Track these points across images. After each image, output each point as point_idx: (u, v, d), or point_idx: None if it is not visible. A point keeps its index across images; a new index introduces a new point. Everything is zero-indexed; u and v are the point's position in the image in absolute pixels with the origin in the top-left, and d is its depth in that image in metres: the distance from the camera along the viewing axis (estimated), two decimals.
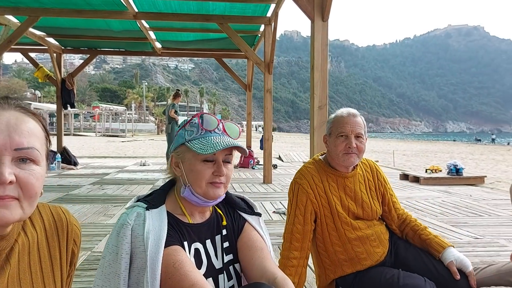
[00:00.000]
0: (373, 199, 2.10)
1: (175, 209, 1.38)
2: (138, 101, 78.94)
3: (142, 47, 10.98)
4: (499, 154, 26.39)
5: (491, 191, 7.43)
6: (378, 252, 2.03)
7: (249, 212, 1.56)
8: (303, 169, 2.09)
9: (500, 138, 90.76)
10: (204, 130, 1.37)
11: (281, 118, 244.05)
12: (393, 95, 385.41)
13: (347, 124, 1.99)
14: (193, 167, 1.34)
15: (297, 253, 1.97)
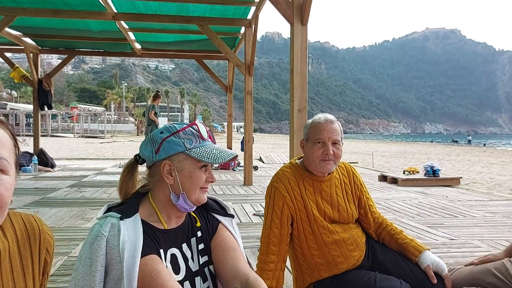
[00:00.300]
0: (349, 202, 2.12)
1: (150, 216, 1.37)
2: (118, 101, 77.91)
3: (122, 47, 10.86)
4: (474, 155, 27.02)
5: (466, 192, 7.60)
6: (355, 255, 2.05)
7: (222, 214, 1.58)
8: (280, 173, 2.10)
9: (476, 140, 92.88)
10: (202, 139, 1.41)
11: (262, 119, 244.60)
12: (372, 97, 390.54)
13: (324, 131, 2.01)
14: (193, 174, 1.37)
15: (274, 257, 1.97)
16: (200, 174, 1.38)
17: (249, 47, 8.11)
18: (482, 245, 3.95)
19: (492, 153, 32.36)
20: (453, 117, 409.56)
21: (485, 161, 21.66)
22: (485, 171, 15.09)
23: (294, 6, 4.20)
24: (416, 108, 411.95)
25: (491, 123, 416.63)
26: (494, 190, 9.06)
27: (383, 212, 5.52)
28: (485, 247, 3.89)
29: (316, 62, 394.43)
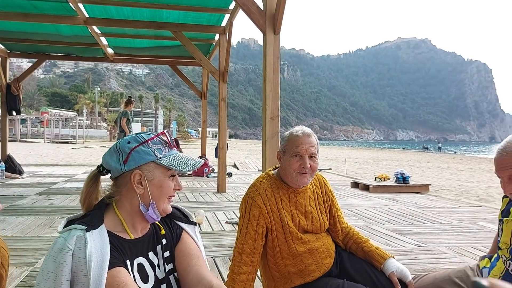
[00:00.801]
0: (322, 213, 2.16)
1: (115, 227, 1.36)
2: (90, 106, 76.56)
3: (94, 52, 10.69)
4: (444, 162, 27.72)
5: (435, 198, 7.79)
6: (326, 263, 2.09)
7: (185, 221, 1.59)
8: (257, 184, 2.11)
9: (446, 146, 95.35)
10: (170, 148, 1.43)
11: (238, 125, 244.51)
12: (346, 104, 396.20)
13: (302, 144, 2.03)
14: (163, 183, 1.39)
15: (247, 268, 1.98)
16: (170, 182, 1.40)
17: (223, 54, 8.12)
18: (448, 252, 4.05)
19: (461, 160, 33.30)
20: (424, 125, 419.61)
21: (454, 168, 22.26)
22: (453, 178, 15.50)
23: (266, 16, 4.24)
24: (389, 116, 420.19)
25: (460, 131, 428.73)
26: (461, 196, 9.31)
27: (354, 219, 5.61)
28: (451, 253, 4.00)
29: (292, 69, 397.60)
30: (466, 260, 3.74)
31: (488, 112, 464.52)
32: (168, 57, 11.32)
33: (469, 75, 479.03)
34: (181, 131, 76.57)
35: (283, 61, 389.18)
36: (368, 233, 4.84)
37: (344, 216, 2.33)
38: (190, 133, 79.07)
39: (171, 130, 52.29)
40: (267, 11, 4.21)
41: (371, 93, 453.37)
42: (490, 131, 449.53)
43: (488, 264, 2.08)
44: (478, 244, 4.32)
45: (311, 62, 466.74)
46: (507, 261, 1.85)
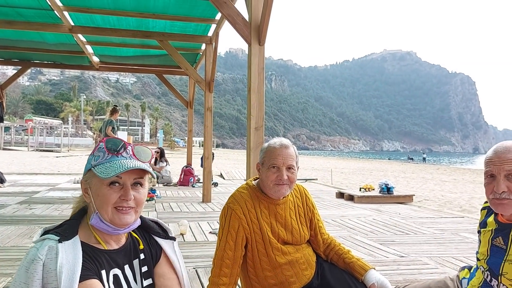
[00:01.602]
0: (302, 224, 2.16)
1: (89, 238, 1.35)
2: (76, 114, 75.87)
3: (79, 60, 10.62)
4: (428, 173, 28.01)
5: (418, 209, 7.85)
6: (307, 274, 2.09)
7: (163, 236, 1.56)
8: (237, 194, 2.11)
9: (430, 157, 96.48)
10: (110, 154, 1.37)
11: (225, 134, 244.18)
12: (333, 114, 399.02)
13: (279, 156, 2.03)
14: (99, 192, 1.33)
15: (226, 279, 1.96)
16: (108, 191, 1.32)
17: (210, 64, 8.14)
18: (430, 262, 4.08)
19: (445, 170, 33.69)
20: (409, 135, 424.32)
21: (438, 178, 22.50)
22: (437, 189, 15.66)
23: (251, 27, 4.27)
24: (375, 126, 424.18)
25: (445, 142, 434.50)
26: (444, 207, 9.41)
27: (338, 229, 5.62)
28: (432, 264, 4.03)
29: (279, 79, 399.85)
30: (447, 270, 3.77)
31: (472, 123, 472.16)
32: (154, 66, 11.30)
33: (453, 87, 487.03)
34: (167, 140, 76.13)
35: (270, 71, 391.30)
36: (351, 243, 4.85)
37: (328, 226, 2.34)
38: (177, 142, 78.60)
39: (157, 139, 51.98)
40: (252, 22, 4.24)
41: (357, 104, 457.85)
42: (474, 142, 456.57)
43: (467, 275, 2.10)
44: (460, 255, 4.36)
45: (299, 72, 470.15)
46: (485, 272, 1.88)
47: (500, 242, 1.81)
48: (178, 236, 4.98)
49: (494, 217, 1.88)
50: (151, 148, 1.49)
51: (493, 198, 1.73)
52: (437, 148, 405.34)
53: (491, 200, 1.75)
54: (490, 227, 1.89)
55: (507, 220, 1.80)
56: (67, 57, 10.30)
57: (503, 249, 1.79)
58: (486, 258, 1.87)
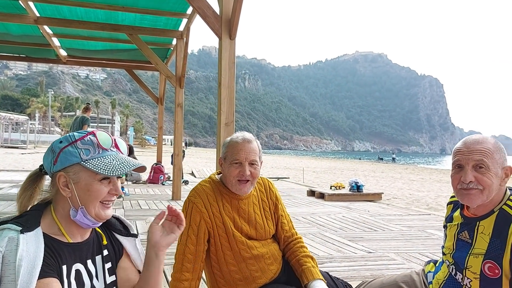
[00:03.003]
0: (267, 219, 2.10)
1: (52, 229, 1.27)
2: (43, 110, 73.72)
3: (45, 53, 10.27)
4: (397, 173, 28.61)
5: (387, 207, 7.96)
6: (272, 269, 2.04)
7: (125, 234, 1.50)
8: (199, 188, 2.04)
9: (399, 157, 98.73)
10: (102, 148, 1.31)
11: (198, 133, 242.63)
12: (306, 115, 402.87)
13: (241, 151, 1.97)
14: (90, 187, 1.27)
15: (188, 275, 1.90)
16: (100, 187, 1.28)
17: (180, 59, 8.02)
18: (397, 258, 4.12)
19: (413, 170, 34.51)
20: (379, 136, 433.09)
21: (406, 178, 23.00)
22: (405, 187, 15.99)
23: (222, 20, 4.20)
24: (346, 127, 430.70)
25: (413, 143, 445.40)
26: (412, 205, 9.59)
27: (308, 226, 5.62)
28: (399, 259, 4.07)
29: (253, 78, 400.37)
30: (413, 266, 3.81)
31: (439, 125, 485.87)
32: (124, 61, 11.05)
33: (422, 90, 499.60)
34: (138, 138, 74.99)
35: (244, 70, 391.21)
36: (321, 239, 4.86)
37: (298, 224, 2.28)
38: (147, 140, 77.59)
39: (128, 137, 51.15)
40: (223, 16, 4.17)
41: (330, 104, 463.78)
42: (441, 143, 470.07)
43: (433, 269, 2.10)
44: (426, 251, 4.43)
45: (272, 72, 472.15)
46: (450, 266, 1.88)
47: (466, 236, 1.81)
48: (146, 233, 4.86)
49: (460, 211, 1.88)
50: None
51: (460, 188, 1.72)
52: (406, 149, 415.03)
53: (458, 190, 1.74)
54: (456, 222, 1.89)
55: (473, 214, 1.80)
56: (32, 49, 9.94)
57: (468, 243, 1.79)
58: (452, 252, 1.87)
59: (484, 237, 1.73)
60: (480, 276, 1.72)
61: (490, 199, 1.71)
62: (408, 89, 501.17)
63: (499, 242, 1.68)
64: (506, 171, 1.72)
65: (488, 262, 1.70)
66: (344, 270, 3.63)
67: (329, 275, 2.15)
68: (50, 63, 11.20)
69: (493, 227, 1.72)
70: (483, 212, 1.76)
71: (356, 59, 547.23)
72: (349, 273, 3.56)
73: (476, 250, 1.75)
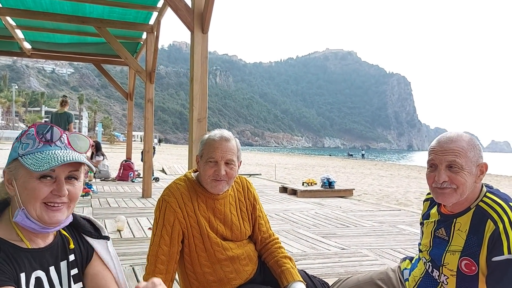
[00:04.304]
0: (244, 220, 2.04)
1: (9, 234, 1.16)
2: (6, 105, 71.16)
3: (8, 46, 9.82)
4: (367, 169, 29.11)
5: (358, 203, 8.05)
6: (248, 270, 1.99)
7: (96, 236, 1.39)
8: (173, 186, 1.96)
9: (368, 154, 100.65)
10: (42, 143, 1.18)
11: (169, 129, 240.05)
12: (277, 111, 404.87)
13: (217, 150, 1.89)
14: (27, 185, 1.14)
15: (162, 277, 1.82)
16: (38, 185, 1.15)
17: (151, 53, 7.84)
18: (370, 254, 4.14)
19: (382, 166, 35.21)
20: (349, 133, 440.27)
21: (376, 173, 23.43)
22: (375, 183, 16.26)
23: (194, 14, 4.09)
24: (317, 123, 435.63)
25: (382, 139, 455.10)
26: (382, 201, 9.75)
27: (281, 223, 5.60)
28: (372, 255, 4.09)
29: (224, 74, 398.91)
30: (386, 262, 3.84)
31: (407, 122, 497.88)
32: (92, 55, 10.69)
33: (390, 87, 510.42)
34: (107, 134, 73.43)
35: (215, 66, 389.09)
36: (294, 236, 4.84)
37: (271, 221, 2.21)
38: (117, 136, 76.03)
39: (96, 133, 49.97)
40: (195, 9, 4.06)
41: (301, 101, 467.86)
42: (408, 140, 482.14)
43: (409, 266, 2.10)
44: (398, 247, 4.47)
45: (244, 68, 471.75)
46: (427, 263, 1.87)
47: (443, 233, 1.80)
48: (115, 232, 4.72)
49: (437, 208, 1.88)
50: (88, 137, 1.30)
51: (435, 187, 1.72)
52: (374, 145, 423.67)
53: (433, 188, 1.74)
54: (433, 219, 1.88)
55: (450, 212, 1.79)
56: None
57: (445, 240, 1.79)
58: (429, 249, 1.86)
59: (461, 234, 1.73)
60: (457, 273, 1.72)
61: (464, 197, 1.70)
62: (377, 86, 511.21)
63: (475, 239, 1.68)
64: (481, 168, 1.72)
65: (464, 259, 1.70)
66: (319, 267, 3.61)
67: (307, 274, 2.12)
68: (14, 56, 10.74)
69: (470, 224, 1.72)
70: (460, 209, 1.76)
71: (326, 57, 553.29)
72: (324, 270, 3.55)
73: (453, 247, 1.74)
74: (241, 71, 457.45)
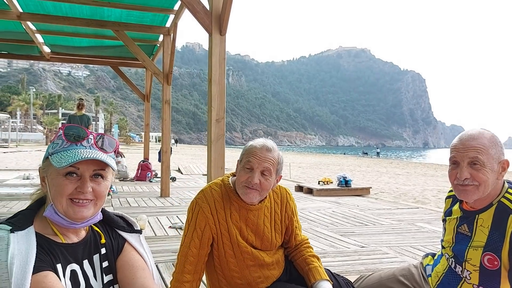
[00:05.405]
0: (276, 232, 2.04)
1: (45, 229, 1.24)
2: (25, 108, 72.32)
3: (28, 50, 10.06)
4: (382, 167, 28.90)
5: (375, 201, 8.04)
6: (275, 274, 2.03)
7: (128, 230, 1.47)
8: (208, 191, 1.97)
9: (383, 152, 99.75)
10: (69, 142, 1.27)
11: (183, 129, 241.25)
12: (290, 110, 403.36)
13: (255, 157, 1.88)
14: (55, 182, 1.23)
15: (189, 277, 1.88)
16: (64, 182, 1.22)
17: (168, 56, 7.94)
18: (389, 252, 4.17)
19: (398, 164, 34.90)
20: (363, 131, 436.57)
21: (392, 172, 23.25)
22: (392, 181, 16.17)
23: (212, 16, 4.16)
24: (331, 122, 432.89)
25: (397, 137, 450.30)
26: (400, 199, 9.71)
27: None
28: (392, 253, 4.11)
29: (237, 74, 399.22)
30: (406, 259, 3.86)
31: (422, 119, 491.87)
32: (109, 58, 10.88)
33: (405, 84, 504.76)
34: (123, 136, 74.21)
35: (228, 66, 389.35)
36: (313, 235, 4.88)
37: None
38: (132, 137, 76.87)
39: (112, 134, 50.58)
40: (213, 11, 4.14)
41: (314, 99, 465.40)
42: (424, 137, 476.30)
43: (431, 262, 2.13)
44: (417, 244, 4.48)
45: (256, 68, 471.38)
46: (449, 259, 1.90)
47: (465, 230, 1.84)
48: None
49: (459, 205, 1.91)
50: (115, 139, 1.38)
51: (457, 183, 1.75)
52: (389, 143, 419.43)
53: (455, 185, 1.78)
54: (455, 215, 1.91)
55: (472, 208, 1.83)
56: (15, 46, 9.73)
57: (468, 236, 1.82)
58: (451, 245, 1.90)
59: (483, 229, 1.76)
60: (480, 268, 1.76)
61: (486, 193, 1.74)
62: (392, 84, 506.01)
63: (498, 234, 1.71)
64: (503, 165, 1.75)
65: (487, 254, 1.73)
66: (339, 265, 3.65)
67: (331, 272, 2.14)
68: (34, 59, 10.98)
69: (492, 219, 1.75)
70: (482, 206, 1.79)
71: (339, 54, 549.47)
72: (344, 267, 3.58)
73: (476, 243, 1.78)
74: (253, 71, 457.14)
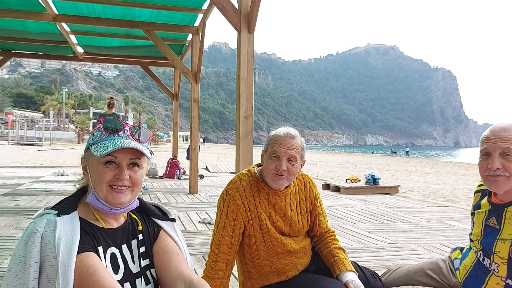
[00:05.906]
0: (302, 217, 2.10)
1: (88, 214, 1.35)
2: (57, 108, 74.43)
3: (62, 51, 10.43)
4: (411, 166, 28.40)
5: (404, 199, 7.96)
6: (302, 262, 2.08)
7: (164, 219, 1.56)
8: (236, 181, 2.06)
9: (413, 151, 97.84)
10: (108, 133, 1.37)
11: (209, 128, 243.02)
12: (317, 109, 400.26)
13: (281, 145, 1.96)
14: (96, 170, 1.34)
15: (223, 265, 1.95)
16: (103, 169, 1.33)
17: (196, 55, 8.08)
18: (418, 248, 4.15)
19: (428, 163, 34.21)
20: (392, 130, 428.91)
21: (421, 171, 22.83)
22: (421, 180, 15.90)
23: (241, 14, 4.24)
24: (358, 120, 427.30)
25: (427, 136, 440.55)
26: (429, 197, 9.56)
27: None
28: (420, 250, 4.09)
29: (263, 73, 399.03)
30: (435, 256, 3.83)
31: (453, 118, 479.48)
32: (139, 57, 11.15)
33: (435, 82, 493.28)
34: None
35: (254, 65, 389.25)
36: (340, 231, 4.90)
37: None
38: (160, 136, 78.01)
39: None
40: (242, 10, 4.21)
41: (341, 98, 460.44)
42: (455, 136, 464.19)
43: (459, 255, 2.14)
44: (446, 241, 4.44)
45: (282, 66, 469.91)
46: (478, 252, 1.91)
47: (494, 223, 1.84)
48: None
49: (487, 198, 1.92)
50: (149, 131, 1.48)
51: (488, 175, 1.76)
52: (419, 142, 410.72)
53: (485, 177, 1.78)
54: (484, 209, 1.92)
55: (500, 201, 1.83)
56: (50, 47, 10.10)
57: (496, 229, 1.83)
58: (480, 238, 1.90)
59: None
60: (508, 260, 1.76)
61: None
62: (421, 81, 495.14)
63: None
64: None
65: None
66: (367, 260, 3.67)
67: (357, 265, 2.17)
68: (67, 60, 11.35)
69: None
70: (511, 198, 1.79)
71: (367, 52, 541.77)
72: (372, 263, 3.60)
73: (504, 236, 1.78)
74: (279, 69, 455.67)
